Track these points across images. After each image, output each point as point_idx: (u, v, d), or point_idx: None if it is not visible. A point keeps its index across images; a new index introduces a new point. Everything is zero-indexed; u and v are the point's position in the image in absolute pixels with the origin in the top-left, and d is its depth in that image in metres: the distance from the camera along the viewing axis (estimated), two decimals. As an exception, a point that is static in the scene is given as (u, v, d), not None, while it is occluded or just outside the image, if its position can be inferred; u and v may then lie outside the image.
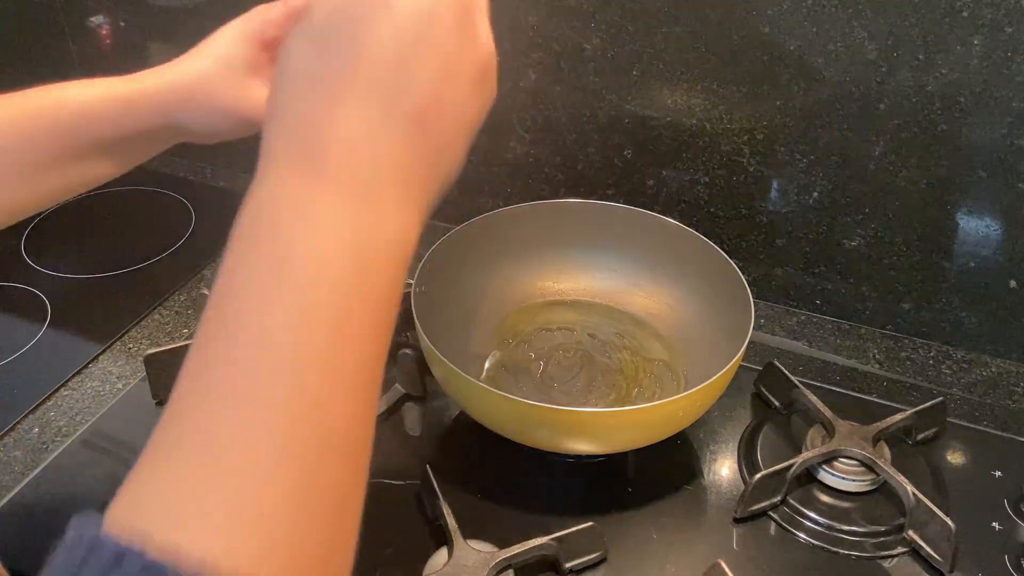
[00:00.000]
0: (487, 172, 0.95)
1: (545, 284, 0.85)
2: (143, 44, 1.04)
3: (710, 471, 0.72)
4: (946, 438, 0.74)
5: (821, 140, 0.79)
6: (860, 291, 0.86)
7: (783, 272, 0.88)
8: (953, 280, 0.81)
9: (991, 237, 0.78)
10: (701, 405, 0.67)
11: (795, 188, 0.83)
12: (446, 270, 0.77)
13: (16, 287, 0.90)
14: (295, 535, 0.28)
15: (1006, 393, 0.80)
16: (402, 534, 0.65)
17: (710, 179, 0.85)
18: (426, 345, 0.67)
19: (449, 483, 0.68)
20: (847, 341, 0.86)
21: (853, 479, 0.68)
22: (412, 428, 0.75)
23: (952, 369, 0.83)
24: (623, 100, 0.85)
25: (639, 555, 0.64)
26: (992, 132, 0.73)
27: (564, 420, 0.64)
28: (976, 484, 0.69)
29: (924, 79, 0.73)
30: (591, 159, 0.89)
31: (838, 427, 0.69)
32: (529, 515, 0.66)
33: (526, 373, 0.77)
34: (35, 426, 0.74)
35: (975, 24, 0.69)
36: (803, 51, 0.76)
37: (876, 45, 0.73)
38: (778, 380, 0.75)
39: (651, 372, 0.78)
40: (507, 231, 0.82)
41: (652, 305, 0.83)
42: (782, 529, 0.66)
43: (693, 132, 0.83)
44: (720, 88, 0.80)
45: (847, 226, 0.82)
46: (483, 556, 0.59)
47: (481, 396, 0.65)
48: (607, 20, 0.81)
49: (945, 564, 0.62)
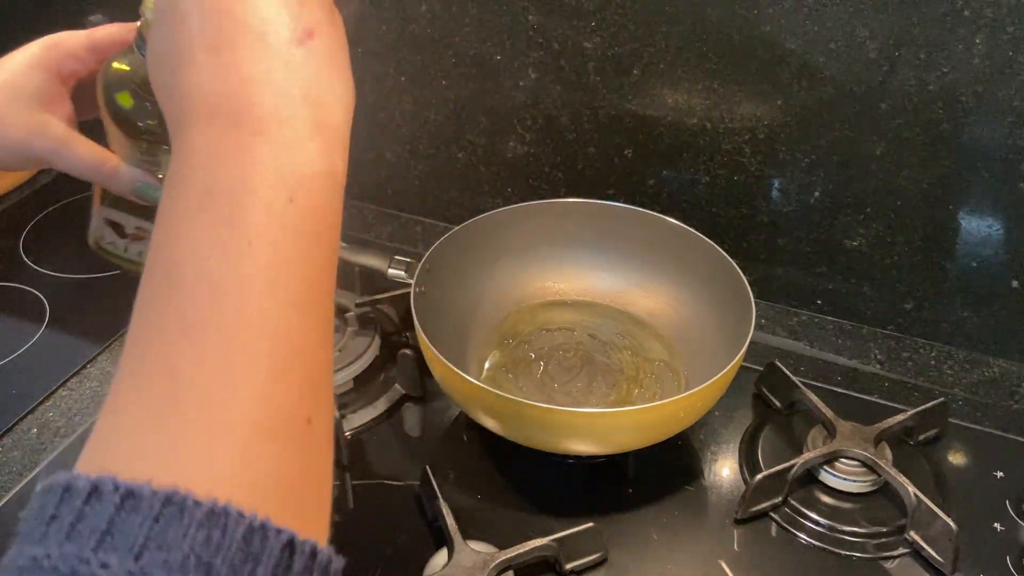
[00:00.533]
0: (487, 172, 0.95)
1: (545, 284, 0.85)
2: (143, 44, 1.04)
3: (711, 472, 0.71)
4: (948, 439, 0.73)
5: (822, 139, 0.79)
6: (861, 291, 0.85)
7: (784, 272, 0.88)
8: (955, 280, 0.81)
9: (993, 237, 0.77)
10: (702, 405, 0.67)
11: (796, 188, 0.82)
12: (446, 270, 0.77)
13: (15, 287, 0.90)
14: (264, 454, 0.29)
15: (1008, 394, 0.80)
16: (402, 534, 0.65)
17: (711, 179, 0.85)
18: (426, 345, 0.67)
19: (449, 483, 0.67)
20: (848, 341, 0.85)
21: (854, 480, 0.67)
22: (412, 429, 0.75)
23: (954, 369, 0.82)
24: (623, 100, 0.84)
25: (639, 556, 0.64)
26: (994, 132, 0.73)
27: (564, 421, 0.64)
28: (978, 485, 0.69)
29: (926, 78, 0.73)
30: (591, 159, 0.89)
31: (839, 428, 0.69)
32: (529, 515, 0.66)
33: (526, 373, 0.77)
34: (33, 426, 0.74)
35: (977, 23, 0.69)
36: (804, 50, 0.76)
37: (877, 44, 0.73)
38: (779, 380, 0.75)
39: (652, 372, 0.78)
40: (507, 231, 0.82)
41: (652, 305, 0.83)
42: (783, 530, 0.66)
43: (694, 132, 0.83)
44: (721, 88, 0.80)
45: (848, 226, 0.82)
46: (483, 557, 0.59)
47: (481, 396, 0.65)
48: (607, 20, 0.81)
49: (947, 565, 0.62)
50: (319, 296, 0.33)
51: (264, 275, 0.31)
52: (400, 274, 0.77)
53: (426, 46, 0.89)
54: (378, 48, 0.91)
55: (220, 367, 0.29)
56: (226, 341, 0.30)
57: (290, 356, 0.31)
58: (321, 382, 0.33)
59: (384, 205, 1.03)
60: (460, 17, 0.86)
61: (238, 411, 0.29)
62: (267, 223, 0.32)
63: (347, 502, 0.68)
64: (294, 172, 0.33)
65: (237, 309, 0.30)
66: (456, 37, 0.87)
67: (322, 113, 0.35)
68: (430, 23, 0.88)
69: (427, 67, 0.91)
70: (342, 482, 0.69)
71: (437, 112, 0.93)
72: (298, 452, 0.30)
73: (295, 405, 0.31)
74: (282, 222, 0.32)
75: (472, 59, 0.88)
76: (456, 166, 0.96)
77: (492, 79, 0.88)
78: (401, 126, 0.96)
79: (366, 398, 0.76)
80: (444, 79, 0.91)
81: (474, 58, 0.88)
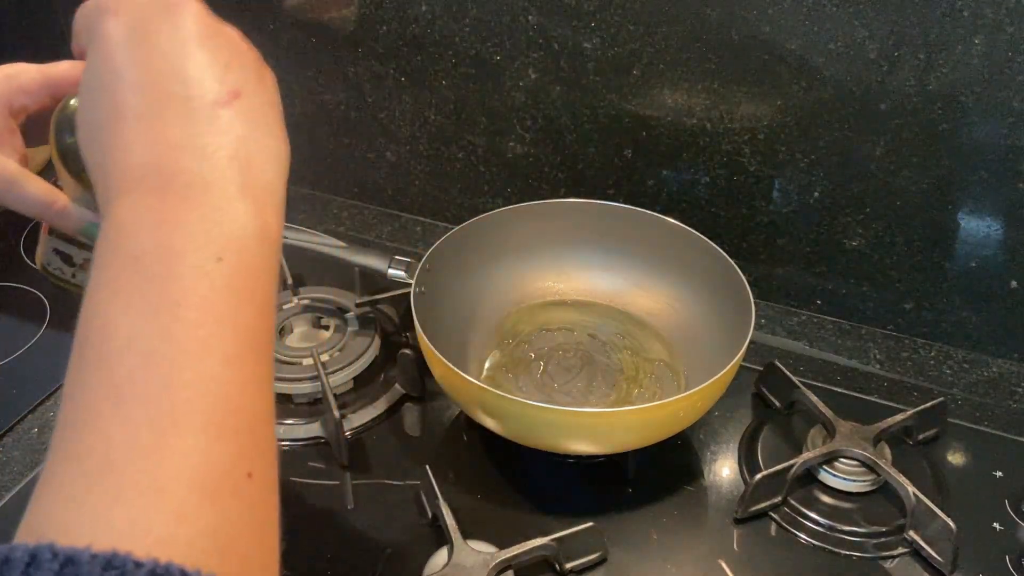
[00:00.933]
0: (487, 172, 0.95)
1: (545, 284, 0.85)
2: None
3: (710, 471, 0.71)
4: (947, 438, 0.73)
5: (822, 140, 0.79)
6: (861, 291, 0.85)
7: (784, 272, 0.88)
8: (954, 280, 0.81)
9: (992, 237, 0.78)
10: (702, 405, 0.67)
11: (796, 188, 0.82)
12: (446, 270, 0.77)
13: (15, 287, 0.90)
14: (203, 511, 0.29)
15: (1007, 393, 0.80)
16: (402, 534, 0.65)
17: (711, 179, 0.85)
18: (426, 345, 0.67)
19: (449, 483, 0.68)
20: (848, 341, 0.86)
21: (854, 479, 0.68)
22: (412, 428, 0.75)
23: (953, 369, 0.82)
24: (623, 100, 0.85)
25: (639, 556, 0.64)
26: (993, 132, 0.73)
27: (564, 420, 0.64)
28: (977, 484, 0.69)
29: (925, 79, 0.73)
30: (591, 159, 0.89)
31: (839, 427, 0.69)
32: (529, 515, 0.66)
33: (526, 373, 0.77)
34: (34, 426, 0.74)
35: (976, 24, 0.69)
36: (804, 50, 0.76)
37: (877, 44, 0.73)
38: (779, 380, 0.75)
39: (651, 372, 0.78)
40: (507, 231, 0.82)
41: (652, 305, 0.83)
42: (783, 530, 0.66)
43: (693, 132, 0.83)
44: (720, 88, 0.80)
45: (848, 226, 0.82)
46: (483, 556, 0.59)
47: (481, 396, 0.65)
48: (607, 20, 0.81)
49: (946, 565, 0.62)
50: (256, 350, 0.33)
51: (195, 335, 0.31)
52: (400, 274, 0.77)
53: (426, 46, 0.89)
54: (378, 48, 0.92)
55: (154, 429, 0.29)
56: (159, 403, 0.30)
57: (227, 413, 0.31)
58: (261, 435, 0.33)
59: (384, 205, 1.04)
60: (460, 17, 0.86)
61: (174, 470, 0.29)
62: (195, 284, 0.32)
63: (347, 502, 0.68)
64: (222, 233, 0.34)
65: (168, 371, 0.30)
66: (456, 37, 0.88)
67: (251, 173, 0.36)
68: (430, 23, 0.88)
69: (427, 67, 0.91)
70: (342, 482, 0.70)
71: (437, 112, 0.93)
72: (239, 507, 0.30)
73: (234, 461, 0.31)
74: (211, 282, 0.33)
75: (472, 59, 0.88)
76: (456, 166, 0.96)
77: (492, 79, 0.89)
78: (401, 126, 0.96)
79: (366, 398, 0.76)
80: (444, 79, 0.91)
81: (474, 58, 0.88)
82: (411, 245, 0.98)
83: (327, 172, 1.04)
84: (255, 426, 0.32)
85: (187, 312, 0.32)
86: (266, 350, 0.34)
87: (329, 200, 1.06)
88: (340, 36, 0.93)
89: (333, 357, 0.77)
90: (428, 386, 0.77)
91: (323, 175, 1.05)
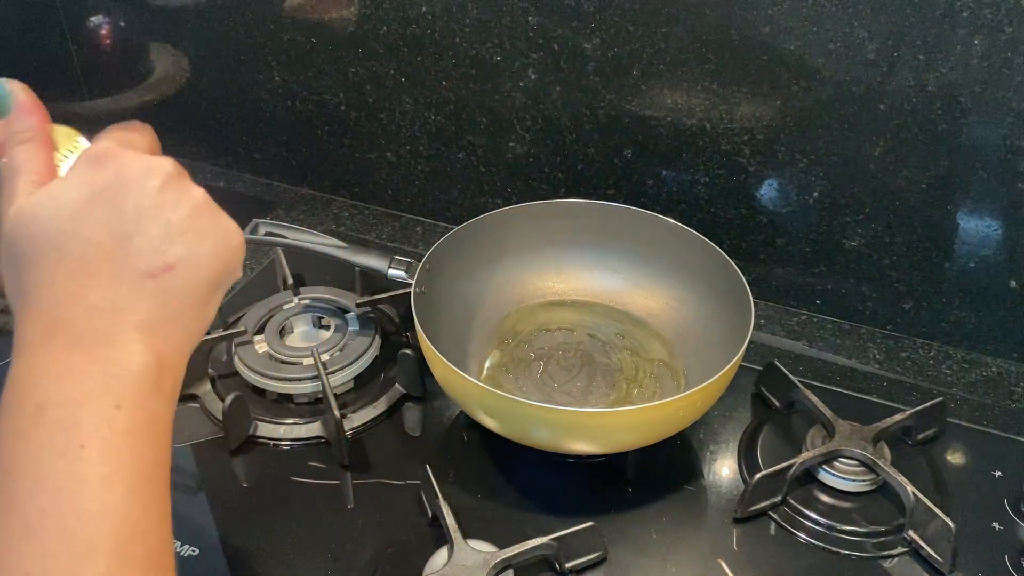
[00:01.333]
0: (487, 172, 0.95)
1: (545, 284, 0.85)
2: (143, 44, 1.04)
3: (710, 471, 0.72)
4: (946, 438, 0.74)
5: (821, 140, 0.79)
6: (860, 291, 0.86)
7: (783, 272, 0.88)
8: (953, 280, 0.81)
9: (991, 237, 0.78)
10: (701, 405, 0.67)
11: (795, 188, 0.83)
12: (446, 270, 0.77)
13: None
14: None
15: (1006, 393, 0.80)
16: (402, 534, 0.65)
17: (710, 179, 0.85)
18: (426, 345, 0.67)
19: (449, 483, 0.68)
20: (847, 341, 0.86)
21: (853, 479, 0.68)
22: (412, 428, 0.75)
23: (952, 369, 0.83)
24: (623, 100, 0.85)
25: (639, 555, 0.64)
26: (992, 132, 0.73)
27: (564, 420, 0.64)
28: (976, 484, 0.69)
29: (924, 79, 0.73)
30: (591, 159, 0.89)
31: (838, 427, 0.69)
32: (529, 515, 0.66)
33: (526, 373, 0.77)
34: None
35: (975, 24, 0.69)
36: (803, 51, 0.76)
37: (876, 45, 0.73)
38: (778, 380, 0.75)
39: (651, 372, 0.78)
40: (507, 231, 0.82)
41: (652, 305, 0.83)
42: (782, 529, 0.66)
43: (693, 132, 0.83)
44: (720, 88, 0.80)
45: (847, 226, 0.82)
46: (483, 556, 0.59)
47: (481, 396, 0.65)
48: (607, 20, 0.81)
49: (945, 564, 0.62)
50: (155, 480, 0.38)
51: (99, 472, 0.36)
52: (400, 274, 0.77)
53: (426, 46, 0.89)
54: (378, 48, 0.92)
55: (63, 558, 0.33)
56: (68, 535, 0.34)
57: (131, 540, 0.35)
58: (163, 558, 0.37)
59: (384, 205, 1.04)
60: (460, 18, 0.86)
61: None
62: (96, 428, 0.36)
63: (347, 502, 0.68)
64: (121, 384, 0.38)
65: (76, 506, 0.35)
66: (456, 38, 0.88)
67: (158, 339, 0.40)
68: (430, 24, 0.88)
69: (427, 67, 0.91)
70: (342, 482, 0.70)
71: (437, 112, 0.93)
72: None
73: None
74: (111, 426, 0.37)
75: (472, 59, 0.88)
76: (456, 166, 0.96)
77: (492, 79, 0.89)
78: (401, 126, 0.96)
79: (366, 398, 0.76)
80: (444, 79, 0.91)
81: (474, 58, 0.88)
82: (411, 245, 0.98)
83: (327, 172, 1.04)
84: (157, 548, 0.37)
85: (91, 453, 0.36)
86: (165, 476, 0.39)
87: (329, 200, 1.06)
88: (340, 36, 0.93)
89: (333, 357, 0.77)
90: (428, 386, 0.77)
91: (323, 175, 1.05)
